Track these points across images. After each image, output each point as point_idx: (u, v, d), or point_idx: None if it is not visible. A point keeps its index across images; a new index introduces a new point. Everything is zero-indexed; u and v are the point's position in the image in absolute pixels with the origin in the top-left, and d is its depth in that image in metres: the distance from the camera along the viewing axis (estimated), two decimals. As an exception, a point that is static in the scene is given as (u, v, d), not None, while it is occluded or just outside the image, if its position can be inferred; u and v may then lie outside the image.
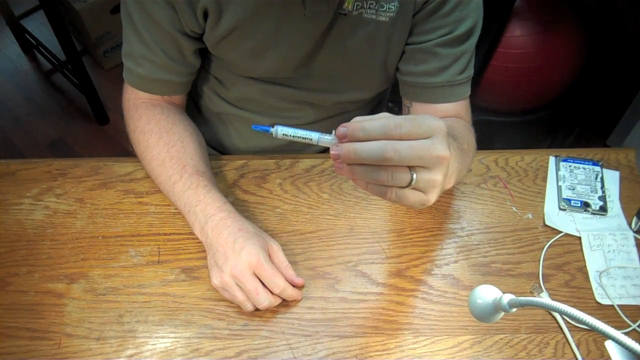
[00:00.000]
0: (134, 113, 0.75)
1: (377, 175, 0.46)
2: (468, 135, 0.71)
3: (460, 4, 0.67)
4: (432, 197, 0.50)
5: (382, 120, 0.46)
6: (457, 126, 0.70)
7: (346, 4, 0.67)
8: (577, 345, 0.65)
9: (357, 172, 0.47)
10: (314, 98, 0.80)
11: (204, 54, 0.77)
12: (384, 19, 0.68)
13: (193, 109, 0.92)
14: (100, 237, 0.72)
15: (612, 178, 0.80)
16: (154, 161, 0.72)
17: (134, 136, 0.75)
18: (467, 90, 0.74)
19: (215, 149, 0.94)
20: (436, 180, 0.48)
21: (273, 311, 0.66)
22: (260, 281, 0.63)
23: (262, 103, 0.82)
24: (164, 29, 0.69)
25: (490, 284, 0.51)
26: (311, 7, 0.66)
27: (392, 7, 0.67)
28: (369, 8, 0.67)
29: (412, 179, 0.47)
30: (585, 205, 0.77)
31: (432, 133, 0.47)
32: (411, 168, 0.47)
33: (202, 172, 0.71)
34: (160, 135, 0.72)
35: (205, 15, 0.68)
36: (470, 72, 0.74)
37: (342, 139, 0.46)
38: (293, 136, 0.50)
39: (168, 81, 0.74)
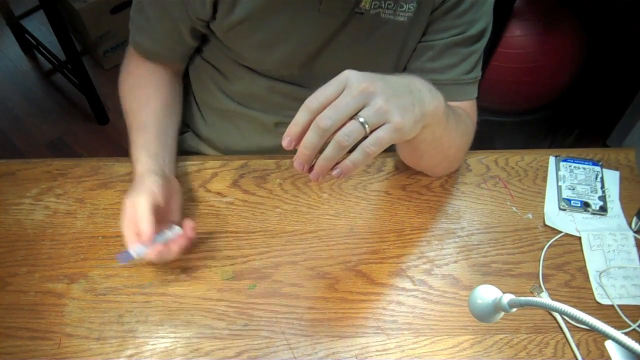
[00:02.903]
0: (126, 61, 0.81)
1: (338, 144, 0.48)
2: (462, 114, 0.70)
3: (474, 5, 0.68)
4: (398, 118, 0.50)
5: (303, 106, 0.50)
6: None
7: (363, 3, 0.66)
8: (577, 345, 0.65)
9: (326, 158, 0.49)
10: None
11: (212, 47, 0.78)
12: (402, 19, 0.68)
13: (194, 107, 0.92)
14: (100, 237, 0.72)
15: (612, 178, 0.80)
16: (123, 108, 0.78)
17: (119, 78, 0.81)
18: (473, 91, 0.74)
19: (216, 148, 0.94)
20: (381, 106, 0.49)
21: (273, 311, 0.66)
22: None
23: (266, 100, 0.81)
24: (167, 11, 0.71)
25: (490, 284, 0.51)
26: (327, 3, 0.65)
27: (411, 7, 0.67)
28: (387, 8, 0.67)
29: (362, 122, 0.48)
30: (585, 205, 0.77)
31: (343, 81, 0.49)
32: (354, 117, 0.49)
33: (147, 127, 0.73)
34: (132, 88, 0.79)
35: (215, 3, 0.68)
36: (478, 73, 0.74)
37: (289, 146, 0.50)
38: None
39: (163, 53, 0.78)
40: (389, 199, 0.77)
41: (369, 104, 0.49)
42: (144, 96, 0.77)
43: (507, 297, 0.48)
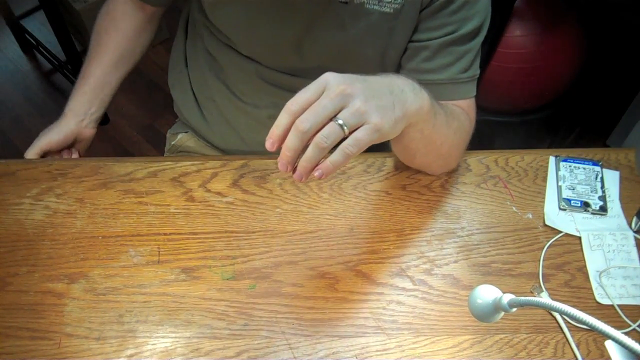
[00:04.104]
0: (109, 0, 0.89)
1: (317, 146, 0.49)
2: (455, 111, 0.70)
3: (467, 2, 0.68)
4: (377, 119, 0.51)
5: (284, 108, 0.50)
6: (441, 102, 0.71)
7: None
8: (577, 345, 0.65)
9: (307, 159, 0.50)
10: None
11: (209, 36, 0.80)
12: (388, 10, 0.68)
13: (195, 107, 0.92)
14: (100, 237, 0.72)
15: (612, 178, 0.80)
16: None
17: (98, 14, 0.89)
18: (470, 89, 0.74)
19: (217, 148, 0.95)
20: (358, 108, 0.50)
21: (273, 311, 0.66)
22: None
23: (258, 90, 0.82)
24: None
25: (490, 284, 0.51)
26: None
27: None
28: None
29: (341, 124, 0.49)
30: (585, 205, 0.77)
31: (323, 83, 0.51)
32: (332, 119, 0.50)
33: (88, 78, 0.86)
34: (99, 32, 0.88)
35: None
36: (475, 71, 0.73)
37: (271, 148, 0.51)
38: None
39: None
40: (389, 199, 0.77)
41: (347, 105, 0.50)
42: (103, 45, 0.87)
43: (507, 297, 0.48)
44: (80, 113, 0.86)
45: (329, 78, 0.51)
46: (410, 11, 0.69)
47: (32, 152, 0.84)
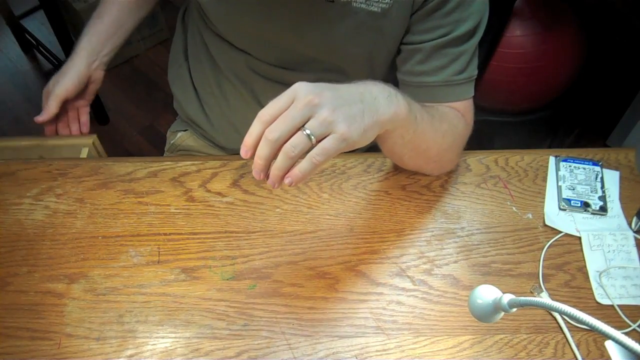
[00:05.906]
0: None
1: (285, 155, 0.51)
2: (447, 114, 0.70)
3: (461, 4, 0.67)
4: (344, 128, 0.52)
5: (256, 117, 0.52)
6: (432, 105, 0.70)
7: None
8: (577, 345, 0.65)
9: (277, 168, 0.51)
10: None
11: (205, 28, 0.81)
12: (375, 9, 0.68)
13: (197, 104, 0.92)
14: (100, 237, 0.72)
15: (612, 178, 0.80)
16: None
17: None
18: (466, 91, 0.73)
19: (217, 147, 0.95)
20: (325, 118, 0.51)
21: (273, 311, 0.66)
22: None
23: (250, 82, 0.83)
24: None
25: (490, 284, 0.51)
26: None
27: None
28: None
29: (308, 134, 0.51)
30: (585, 205, 0.77)
31: (293, 94, 0.52)
32: (300, 128, 0.51)
33: (102, 17, 0.86)
34: None
35: None
36: (471, 73, 0.72)
37: (245, 155, 0.53)
38: None
39: None
40: (389, 199, 0.77)
41: (314, 115, 0.51)
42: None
43: (507, 297, 0.48)
44: (92, 54, 0.85)
45: (298, 88, 0.52)
46: (400, 11, 0.68)
47: (52, 105, 0.82)
